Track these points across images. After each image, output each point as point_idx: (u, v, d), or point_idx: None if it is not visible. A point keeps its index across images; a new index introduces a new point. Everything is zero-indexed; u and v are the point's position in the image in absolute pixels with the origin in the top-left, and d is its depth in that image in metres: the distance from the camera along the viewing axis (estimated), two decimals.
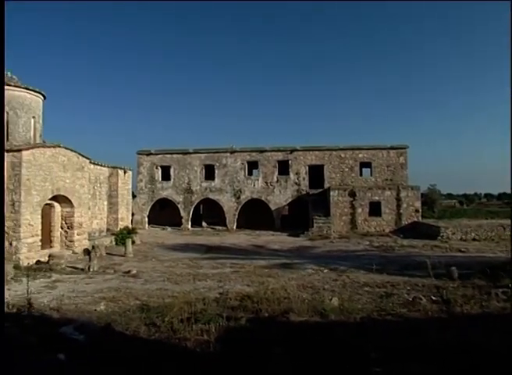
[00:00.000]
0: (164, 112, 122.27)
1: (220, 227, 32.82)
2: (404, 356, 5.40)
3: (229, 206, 32.66)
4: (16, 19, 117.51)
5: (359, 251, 20.33)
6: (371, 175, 31.74)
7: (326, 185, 31.20)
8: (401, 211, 28.21)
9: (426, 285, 11.30)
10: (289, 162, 32.26)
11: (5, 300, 9.58)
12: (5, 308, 8.52)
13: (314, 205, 29.99)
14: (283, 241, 25.62)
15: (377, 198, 28.55)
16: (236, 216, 32.60)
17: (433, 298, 9.51)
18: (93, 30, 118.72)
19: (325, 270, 14.68)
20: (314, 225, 28.07)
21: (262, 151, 32.60)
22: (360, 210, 28.50)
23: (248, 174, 33.18)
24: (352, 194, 28.66)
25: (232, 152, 33.04)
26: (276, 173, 32.38)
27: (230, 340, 6.23)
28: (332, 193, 28.85)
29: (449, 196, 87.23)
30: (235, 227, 32.32)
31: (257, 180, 32.69)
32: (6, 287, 11.63)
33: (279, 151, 32.56)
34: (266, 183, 32.43)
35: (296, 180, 32.08)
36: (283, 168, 32.45)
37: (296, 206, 32.84)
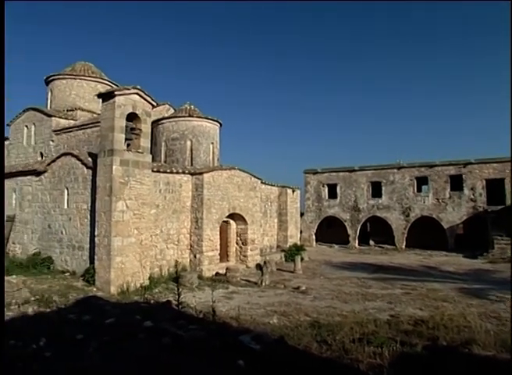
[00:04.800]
0: (328, 130, 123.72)
1: (388, 246, 31.59)
2: None
3: (398, 224, 31.25)
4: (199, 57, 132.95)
5: None
6: None
7: (508, 201, 27.58)
8: None
9: None
10: (463, 176, 29.41)
11: (193, 305, 10.80)
12: (194, 313, 9.58)
13: (494, 224, 26.69)
14: (458, 262, 23.42)
15: None
16: (405, 235, 30.98)
17: None
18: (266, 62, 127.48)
19: None
20: (495, 246, 24.97)
21: (432, 166, 30.49)
22: None
23: (417, 191, 31.34)
24: None
25: (400, 168, 31.68)
26: (448, 189, 29.87)
27: (405, 367, 5.91)
28: None
29: None
30: (404, 246, 30.73)
31: (427, 196, 30.62)
32: (192, 294, 13.07)
33: (450, 165, 29.98)
34: (437, 199, 30.17)
35: (472, 196, 29.07)
36: (456, 183, 29.71)
37: (472, 225, 29.70)
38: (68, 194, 15.79)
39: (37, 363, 5.65)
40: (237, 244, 20.41)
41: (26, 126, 24.76)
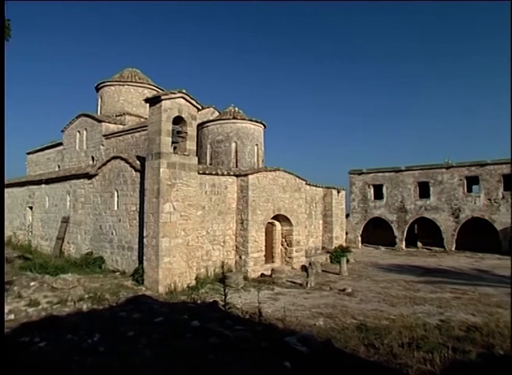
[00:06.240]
0: (371, 132, 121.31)
1: (437, 248, 30.58)
2: None
3: (447, 226, 30.20)
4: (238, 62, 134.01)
5: None
6: None
7: None
8: None
9: None
10: None
11: (238, 306, 10.90)
12: (240, 314, 9.68)
13: None
14: None
15: None
16: (455, 237, 29.86)
17: None
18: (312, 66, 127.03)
19: None
20: None
21: (483, 165, 29.18)
22: None
23: (467, 191, 30.15)
24: None
25: (448, 168, 30.58)
26: (501, 189, 28.41)
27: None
28: None
29: None
30: (453, 248, 29.65)
31: (478, 197, 29.37)
32: (237, 295, 13.15)
33: (503, 163, 28.43)
34: (489, 200, 28.85)
35: None
36: (510, 183, 28.42)
37: None
38: (117, 196, 16.35)
39: (91, 357, 5.90)
40: (282, 245, 20.39)
41: (79, 131, 25.86)
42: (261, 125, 21.29)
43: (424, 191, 31.46)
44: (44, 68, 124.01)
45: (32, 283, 11.75)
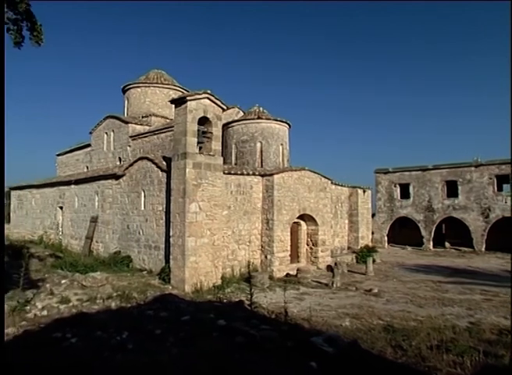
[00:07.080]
0: (400, 131, 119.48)
1: (465, 248, 29.87)
2: None
3: (476, 226, 29.48)
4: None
5: None
6: None
7: None
8: None
9: None
10: None
11: (264, 306, 10.92)
12: (266, 313, 9.71)
13: None
14: None
15: None
16: (485, 237, 29.12)
17: None
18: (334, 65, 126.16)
19: None
20: None
21: None
22: None
23: (498, 190, 29.35)
24: None
25: (477, 166, 29.81)
26: None
27: None
28: None
29: None
30: (483, 249, 28.89)
31: (509, 196, 28.52)
32: (263, 295, 13.16)
33: None
34: None
35: None
36: None
37: None
38: (144, 197, 16.61)
39: (120, 354, 6.02)
40: (308, 245, 20.30)
41: (106, 133, 26.35)
42: (285, 125, 21.25)
43: (452, 190, 30.79)
44: (75, 72, 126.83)
45: (63, 281, 12.08)
